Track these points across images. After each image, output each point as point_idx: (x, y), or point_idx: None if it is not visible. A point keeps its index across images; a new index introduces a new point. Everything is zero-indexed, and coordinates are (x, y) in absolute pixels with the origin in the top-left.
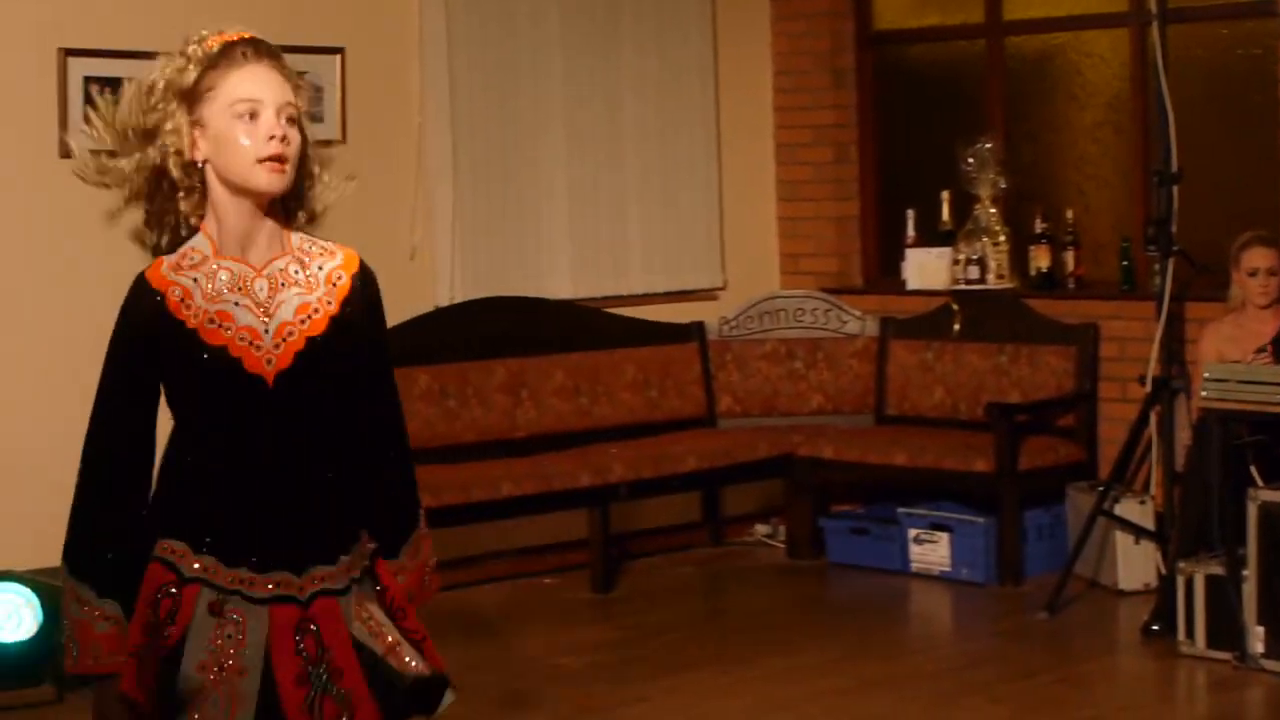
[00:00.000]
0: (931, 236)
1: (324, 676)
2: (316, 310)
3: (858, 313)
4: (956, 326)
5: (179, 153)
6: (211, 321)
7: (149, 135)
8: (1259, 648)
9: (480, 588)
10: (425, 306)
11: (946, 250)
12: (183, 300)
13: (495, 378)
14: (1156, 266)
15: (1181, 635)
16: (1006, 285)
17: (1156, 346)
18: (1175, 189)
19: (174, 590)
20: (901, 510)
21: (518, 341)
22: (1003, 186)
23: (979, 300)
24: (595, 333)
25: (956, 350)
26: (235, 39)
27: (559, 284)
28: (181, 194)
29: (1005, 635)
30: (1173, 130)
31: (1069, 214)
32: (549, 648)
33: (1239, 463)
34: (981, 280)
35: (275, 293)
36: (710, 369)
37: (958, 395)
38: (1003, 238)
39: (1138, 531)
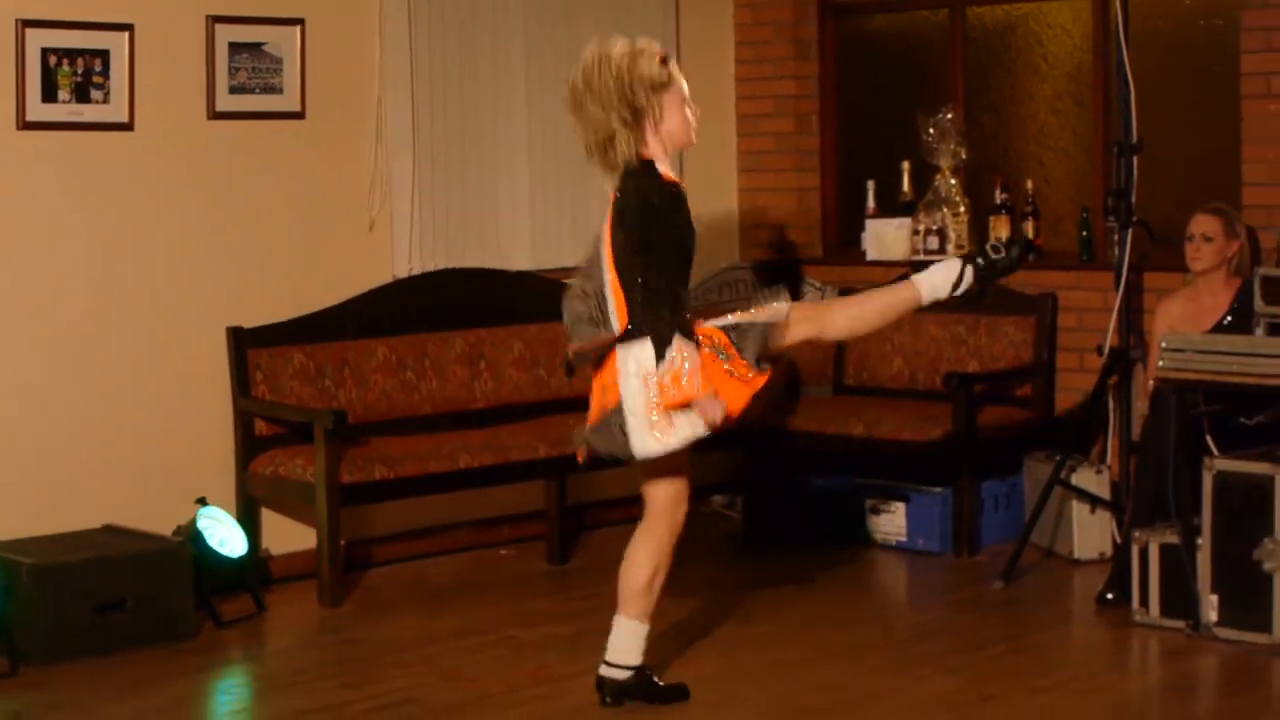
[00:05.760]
0: (892, 207)
1: None
2: None
3: (817, 283)
4: None
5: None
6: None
7: (630, 106)
8: (1213, 616)
9: (437, 559)
10: (384, 278)
11: (906, 221)
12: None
13: (453, 349)
14: (1115, 237)
15: (1136, 604)
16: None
17: (1114, 317)
18: (1135, 160)
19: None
20: (858, 480)
21: (476, 313)
22: (963, 157)
23: None
24: (554, 304)
25: (915, 320)
26: (666, 53)
27: (518, 255)
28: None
29: (961, 605)
30: (1133, 101)
31: (1029, 185)
32: (505, 619)
33: (1195, 432)
34: (941, 251)
35: None
36: None
37: (916, 365)
38: (963, 208)
39: (1094, 501)
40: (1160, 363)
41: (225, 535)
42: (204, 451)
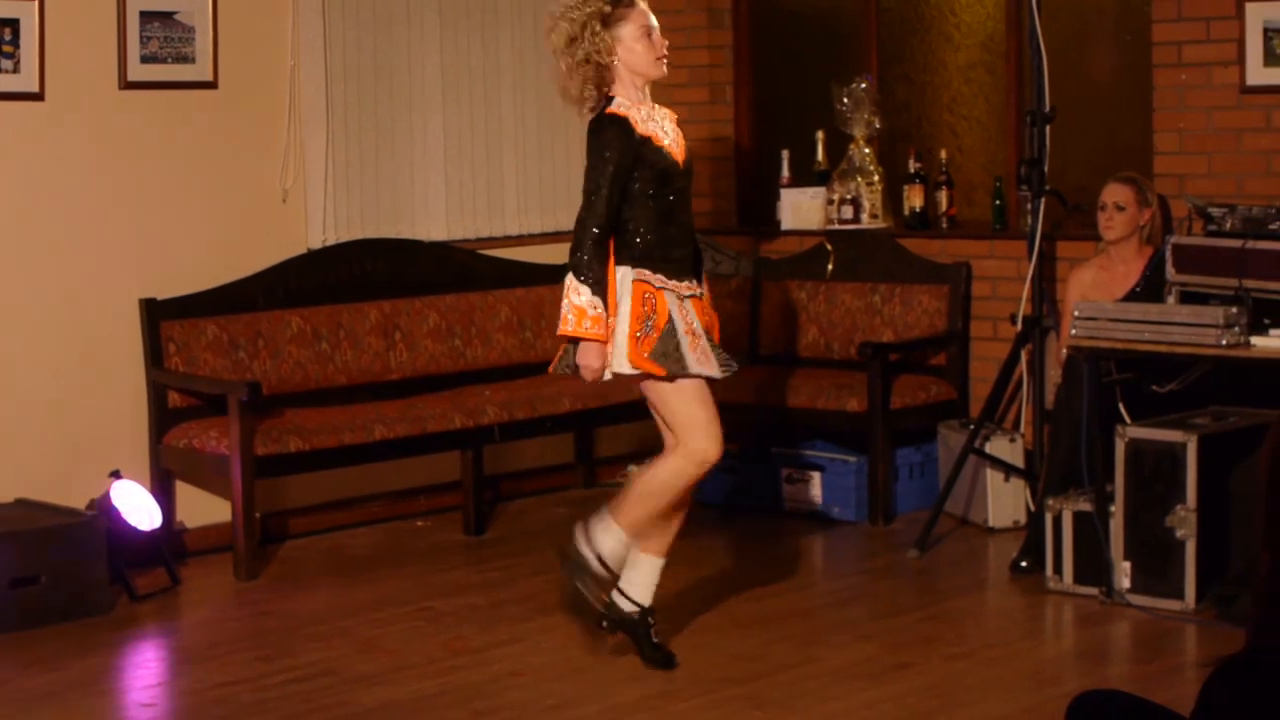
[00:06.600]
0: (806, 177)
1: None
2: (678, 135)
3: (732, 253)
4: (830, 266)
5: (605, 54)
6: (652, 135)
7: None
8: (1125, 583)
9: (353, 531)
10: (298, 249)
11: (821, 190)
12: (637, 123)
13: (368, 320)
14: (1028, 206)
15: (1050, 572)
16: (880, 225)
17: (1028, 285)
18: (1048, 129)
19: (651, 296)
20: (774, 449)
21: (391, 284)
22: (877, 127)
23: (853, 240)
24: (469, 274)
25: (830, 290)
26: None
27: (433, 226)
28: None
29: (875, 573)
30: (1045, 70)
31: (942, 154)
32: (422, 590)
33: (1108, 400)
34: (855, 220)
35: (663, 123)
36: None
37: (831, 335)
38: (876, 178)
39: (1008, 469)
40: (1073, 331)
41: (139, 508)
42: (117, 424)
